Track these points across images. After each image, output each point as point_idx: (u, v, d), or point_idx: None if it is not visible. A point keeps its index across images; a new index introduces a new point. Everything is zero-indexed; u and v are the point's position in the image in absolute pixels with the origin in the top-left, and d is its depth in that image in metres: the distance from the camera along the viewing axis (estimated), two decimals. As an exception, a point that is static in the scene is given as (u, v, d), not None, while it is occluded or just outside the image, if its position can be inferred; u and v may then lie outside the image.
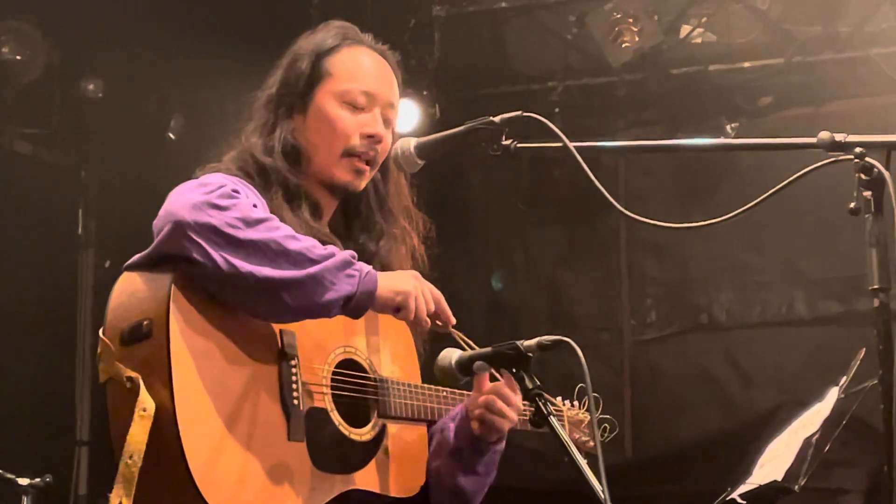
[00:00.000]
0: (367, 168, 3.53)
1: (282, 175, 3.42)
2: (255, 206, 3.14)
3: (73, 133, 8.05)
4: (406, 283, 3.26)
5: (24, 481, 5.59)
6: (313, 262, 3.07)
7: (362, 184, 3.55)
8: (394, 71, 3.64)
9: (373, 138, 3.50)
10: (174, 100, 7.94)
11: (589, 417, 4.12)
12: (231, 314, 3.14)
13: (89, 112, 7.91)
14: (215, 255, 3.01)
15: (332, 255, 3.12)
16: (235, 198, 3.08)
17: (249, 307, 3.13)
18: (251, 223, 3.05)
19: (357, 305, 3.18)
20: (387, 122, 3.56)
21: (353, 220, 3.62)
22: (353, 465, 3.36)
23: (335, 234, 3.54)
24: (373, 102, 3.53)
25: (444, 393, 3.58)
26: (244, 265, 3.02)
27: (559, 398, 4.06)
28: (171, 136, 7.94)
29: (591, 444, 4.11)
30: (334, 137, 3.49)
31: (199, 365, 3.04)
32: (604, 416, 4.14)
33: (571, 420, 4.07)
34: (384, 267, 3.54)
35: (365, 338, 3.46)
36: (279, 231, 3.09)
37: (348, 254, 3.16)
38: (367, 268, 3.17)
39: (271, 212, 3.33)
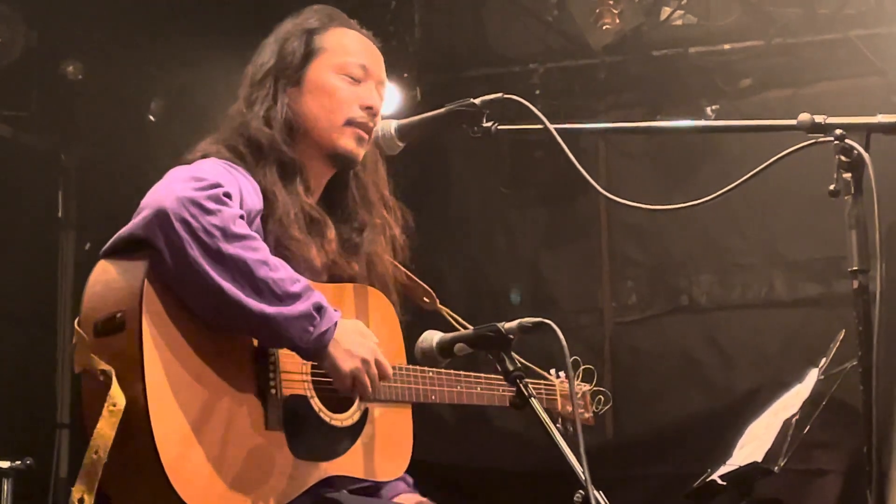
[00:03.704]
0: (367, 137, 3.55)
1: (279, 148, 3.43)
2: (241, 216, 3.11)
3: (52, 115, 8.00)
4: (346, 366, 3.22)
5: (4, 464, 5.57)
6: (276, 297, 3.06)
7: (361, 154, 3.56)
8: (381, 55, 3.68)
9: (371, 109, 3.54)
10: (154, 82, 7.90)
11: (583, 389, 4.16)
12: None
13: (69, 94, 7.86)
14: (182, 251, 2.99)
15: (296, 298, 3.09)
16: (223, 203, 3.06)
17: (199, 309, 3.10)
18: (229, 236, 3.03)
19: (301, 354, 3.21)
20: (379, 98, 3.59)
21: (335, 209, 3.62)
22: (335, 451, 3.36)
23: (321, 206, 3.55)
24: (368, 75, 3.57)
25: (430, 374, 3.59)
26: (207, 270, 3.01)
27: (552, 370, 4.07)
28: (152, 118, 7.91)
29: (587, 415, 4.15)
30: (335, 107, 3.51)
31: (172, 357, 3.03)
32: (598, 389, 4.18)
33: (563, 393, 4.08)
34: (368, 257, 3.56)
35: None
36: (254, 253, 3.07)
37: (313, 303, 3.12)
38: (326, 325, 3.15)
39: (264, 188, 3.34)
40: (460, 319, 3.82)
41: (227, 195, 3.10)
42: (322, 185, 3.59)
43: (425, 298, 3.85)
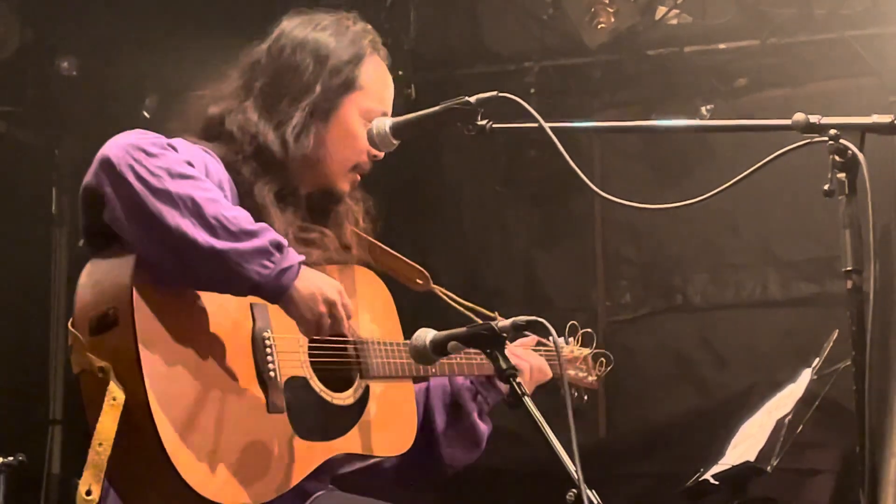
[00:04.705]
0: (360, 179, 3.56)
1: (286, 176, 3.40)
2: (189, 163, 3.08)
3: (46, 111, 8.00)
4: (313, 307, 3.15)
5: (-4, 460, 5.57)
6: (229, 234, 3.00)
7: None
8: None
9: (375, 158, 3.54)
10: (149, 78, 7.89)
11: (584, 353, 4.18)
12: (198, 292, 3.13)
13: (63, 90, 7.86)
14: (129, 194, 2.97)
15: (253, 235, 3.04)
16: (167, 149, 3.05)
17: (155, 256, 3.04)
18: (175, 175, 3.00)
19: (265, 295, 3.13)
20: None
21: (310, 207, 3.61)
22: (338, 430, 3.36)
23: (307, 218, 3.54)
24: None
25: None
26: (153, 209, 2.96)
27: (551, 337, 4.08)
28: (146, 114, 7.91)
29: (590, 378, 4.17)
30: (350, 153, 3.50)
31: (169, 347, 3.03)
32: (598, 350, 4.21)
33: (566, 357, 4.10)
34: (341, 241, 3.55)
35: None
36: (204, 192, 3.03)
37: (270, 240, 3.06)
38: (288, 263, 3.08)
39: (259, 204, 3.31)
40: (456, 297, 3.82)
41: (172, 146, 3.08)
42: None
43: (418, 280, 3.83)
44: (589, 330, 4.09)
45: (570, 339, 4.22)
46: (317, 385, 3.32)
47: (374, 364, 3.46)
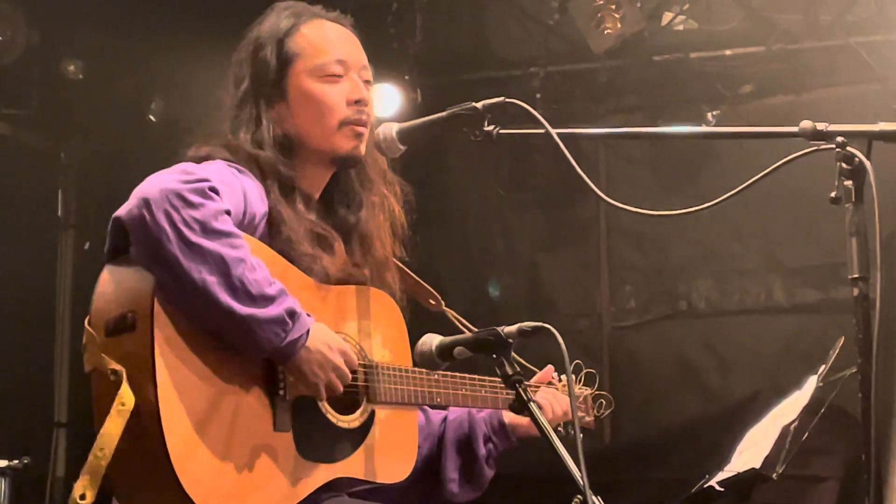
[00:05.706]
0: (364, 130, 3.53)
1: (275, 168, 3.40)
2: (227, 212, 3.09)
3: (53, 114, 8.02)
4: (317, 373, 3.19)
5: (2, 463, 5.57)
6: (249, 297, 3.03)
7: (362, 150, 3.54)
8: (355, 34, 3.64)
9: (360, 102, 3.50)
10: (155, 81, 7.91)
11: (584, 393, 4.16)
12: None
13: (69, 93, 7.88)
14: (159, 241, 2.97)
15: (270, 301, 3.06)
16: (209, 198, 3.04)
17: (176, 301, 3.06)
18: (209, 231, 3.01)
19: (272, 358, 3.17)
20: (366, 84, 3.56)
21: (335, 192, 3.61)
22: (341, 452, 3.35)
23: (320, 211, 3.53)
24: (348, 68, 3.53)
25: (435, 376, 3.58)
26: (181, 262, 2.98)
27: (554, 374, 4.07)
28: (152, 117, 7.92)
29: (588, 419, 4.16)
30: (325, 113, 3.48)
31: (183, 357, 3.02)
32: (599, 392, 4.19)
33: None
34: (364, 237, 3.55)
35: (356, 322, 3.45)
36: (233, 251, 3.03)
37: (286, 308, 3.09)
38: (298, 333, 3.11)
39: (270, 204, 3.32)
40: (466, 322, 3.83)
41: (214, 189, 3.06)
42: (323, 185, 3.58)
43: (431, 301, 3.86)
44: (592, 371, 4.08)
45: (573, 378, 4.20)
46: (324, 406, 3.32)
47: (382, 389, 3.45)
